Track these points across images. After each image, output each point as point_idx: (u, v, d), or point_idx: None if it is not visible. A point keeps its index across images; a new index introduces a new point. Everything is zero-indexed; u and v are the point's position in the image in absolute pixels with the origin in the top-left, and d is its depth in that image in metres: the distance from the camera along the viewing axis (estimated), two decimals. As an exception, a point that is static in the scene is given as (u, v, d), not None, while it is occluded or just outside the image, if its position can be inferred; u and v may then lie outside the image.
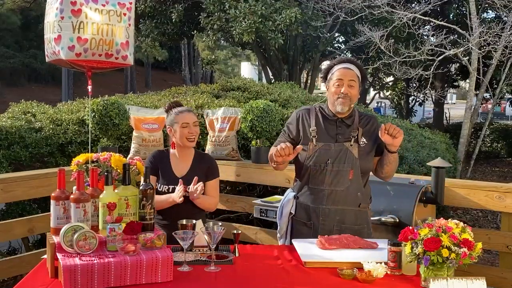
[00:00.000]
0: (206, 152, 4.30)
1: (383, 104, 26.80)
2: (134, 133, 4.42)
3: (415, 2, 12.05)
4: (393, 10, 9.21)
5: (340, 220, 2.71)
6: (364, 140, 2.73)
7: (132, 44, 2.82)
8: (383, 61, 9.51)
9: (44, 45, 2.76)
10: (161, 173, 2.94)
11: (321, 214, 2.72)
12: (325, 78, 2.83)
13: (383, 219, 3.39)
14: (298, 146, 2.65)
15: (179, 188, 2.77)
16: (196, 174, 2.91)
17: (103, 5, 2.66)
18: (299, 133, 2.79)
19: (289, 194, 2.89)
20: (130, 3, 2.78)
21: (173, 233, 2.46)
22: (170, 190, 2.88)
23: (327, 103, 2.81)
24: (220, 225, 2.49)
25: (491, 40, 8.43)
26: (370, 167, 2.78)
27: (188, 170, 2.95)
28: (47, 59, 2.81)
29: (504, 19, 9.56)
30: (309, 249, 2.45)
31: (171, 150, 3.01)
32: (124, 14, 2.74)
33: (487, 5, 10.89)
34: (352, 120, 2.77)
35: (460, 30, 8.97)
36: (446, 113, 17.75)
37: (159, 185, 2.93)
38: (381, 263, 2.22)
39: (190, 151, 3.00)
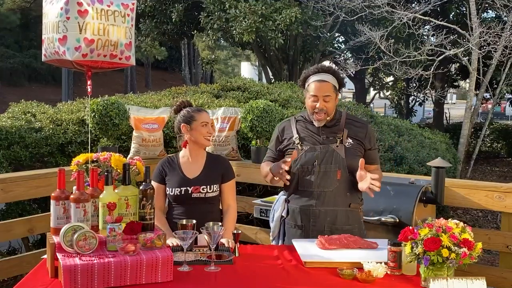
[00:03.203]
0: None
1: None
2: (134, 133, 4.42)
3: (415, 2, 12.04)
4: (393, 10, 9.22)
5: (330, 221, 2.72)
6: (350, 141, 2.73)
7: (134, 45, 2.83)
8: (383, 61, 9.52)
9: (43, 44, 2.76)
10: (171, 177, 2.90)
11: (312, 215, 2.73)
12: (303, 87, 2.87)
13: (383, 219, 3.39)
14: (294, 152, 2.66)
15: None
16: (210, 175, 2.91)
17: (108, 6, 2.67)
18: (282, 144, 2.84)
19: (281, 197, 2.93)
20: (133, 4, 2.80)
21: (173, 233, 2.46)
22: (183, 193, 2.85)
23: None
24: (220, 225, 2.50)
25: (491, 40, 8.44)
26: (358, 168, 2.74)
27: (201, 171, 2.91)
28: (44, 59, 2.81)
29: (504, 19, 9.57)
30: (309, 249, 2.45)
31: (181, 153, 2.98)
32: (128, 15, 2.76)
33: (487, 5, 10.90)
34: (335, 123, 2.78)
35: (460, 30, 8.97)
36: (446, 113, 17.75)
37: (170, 188, 2.89)
38: (381, 263, 2.22)
39: (201, 153, 2.97)
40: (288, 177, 2.61)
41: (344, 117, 2.80)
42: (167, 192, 2.91)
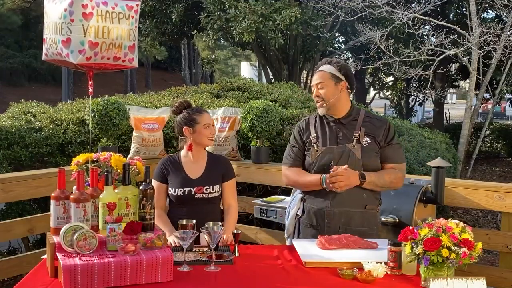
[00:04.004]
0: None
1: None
2: (134, 133, 4.42)
3: (415, 2, 12.04)
4: (393, 10, 9.21)
5: (345, 222, 2.70)
6: (368, 139, 2.70)
7: (137, 46, 2.83)
8: (383, 61, 9.52)
9: (44, 44, 2.75)
10: (173, 177, 2.90)
11: (326, 216, 2.71)
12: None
13: (383, 219, 3.38)
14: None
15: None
16: (212, 175, 2.91)
17: (113, 8, 2.65)
18: (303, 142, 2.83)
19: (297, 196, 2.92)
20: (137, 5, 2.79)
21: (173, 233, 2.46)
22: (186, 193, 2.85)
23: None
24: (220, 225, 2.50)
25: (491, 40, 8.44)
26: (376, 167, 2.72)
27: (203, 171, 2.91)
28: (44, 58, 2.80)
29: (504, 19, 9.57)
30: (309, 249, 2.45)
31: (182, 153, 2.98)
32: (132, 17, 2.75)
33: (487, 5, 10.90)
34: (351, 121, 2.75)
35: (460, 30, 8.97)
36: (446, 113, 17.75)
37: (173, 189, 2.88)
38: (381, 263, 2.22)
39: (203, 153, 2.97)
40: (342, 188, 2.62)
41: (362, 115, 2.77)
42: (170, 192, 2.90)
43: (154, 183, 2.89)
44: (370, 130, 2.73)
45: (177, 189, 2.87)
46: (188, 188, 2.86)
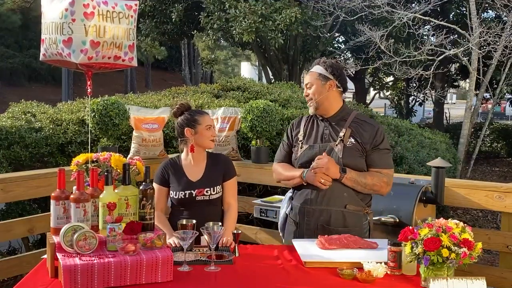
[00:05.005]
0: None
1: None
2: (134, 133, 4.42)
3: (415, 2, 12.04)
4: (393, 10, 9.22)
5: (323, 221, 2.70)
6: (352, 140, 2.70)
7: (135, 46, 2.84)
8: (383, 61, 9.52)
9: (43, 44, 2.75)
10: (174, 180, 2.89)
11: (306, 214, 2.74)
12: None
13: (383, 219, 3.39)
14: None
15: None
16: (212, 176, 2.90)
17: (113, 7, 2.67)
18: (291, 139, 2.90)
19: (287, 195, 2.98)
20: (136, 5, 2.80)
21: (173, 233, 2.46)
22: (187, 196, 2.85)
23: None
24: (220, 225, 2.50)
25: (491, 40, 8.44)
26: (359, 168, 2.70)
27: (203, 173, 2.90)
28: (42, 58, 2.79)
29: (504, 19, 9.57)
30: (309, 249, 2.45)
31: (183, 156, 2.96)
32: (131, 16, 2.76)
33: (487, 5, 10.90)
34: (339, 120, 2.77)
35: (460, 30, 8.98)
36: (446, 113, 17.75)
37: (174, 192, 2.87)
38: (381, 263, 2.22)
39: (203, 155, 2.95)
40: (329, 183, 2.66)
41: (353, 117, 2.76)
42: (171, 195, 2.90)
43: (155, 186, 2.88)
44: (357, 132, 2.72)
45: (178, 192, 2.86)
46: (189, 191, 2.85)
